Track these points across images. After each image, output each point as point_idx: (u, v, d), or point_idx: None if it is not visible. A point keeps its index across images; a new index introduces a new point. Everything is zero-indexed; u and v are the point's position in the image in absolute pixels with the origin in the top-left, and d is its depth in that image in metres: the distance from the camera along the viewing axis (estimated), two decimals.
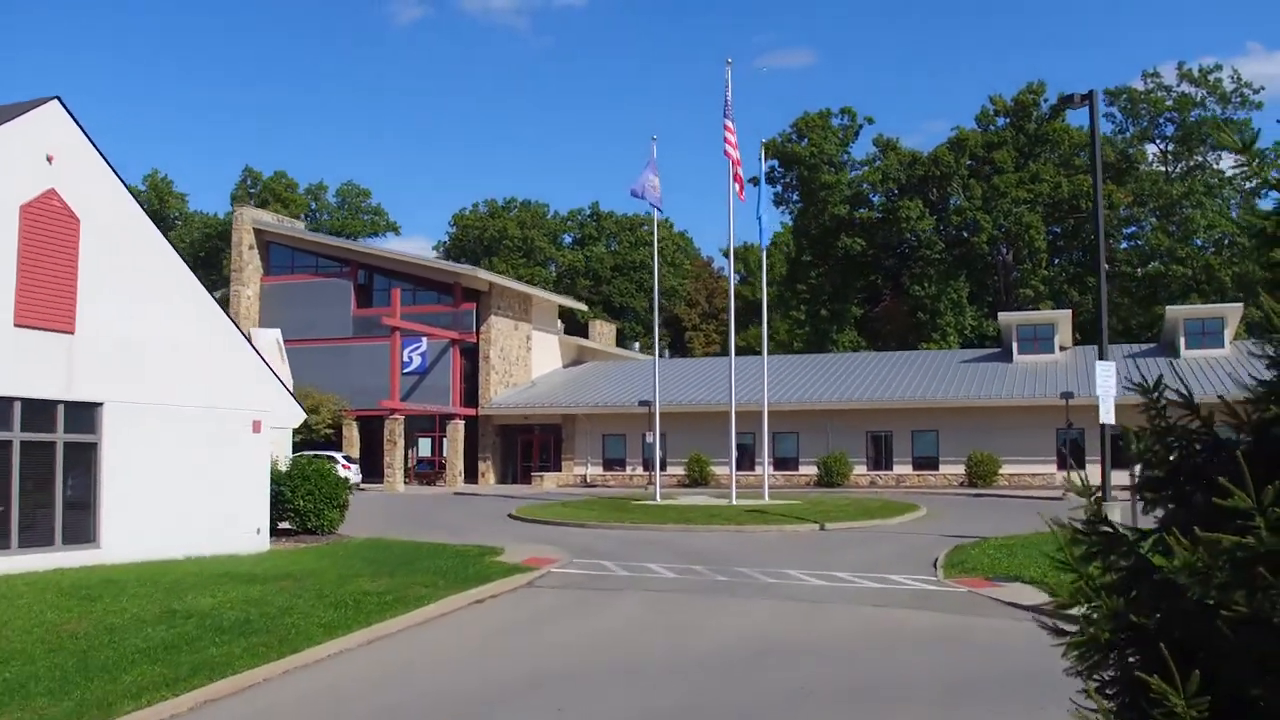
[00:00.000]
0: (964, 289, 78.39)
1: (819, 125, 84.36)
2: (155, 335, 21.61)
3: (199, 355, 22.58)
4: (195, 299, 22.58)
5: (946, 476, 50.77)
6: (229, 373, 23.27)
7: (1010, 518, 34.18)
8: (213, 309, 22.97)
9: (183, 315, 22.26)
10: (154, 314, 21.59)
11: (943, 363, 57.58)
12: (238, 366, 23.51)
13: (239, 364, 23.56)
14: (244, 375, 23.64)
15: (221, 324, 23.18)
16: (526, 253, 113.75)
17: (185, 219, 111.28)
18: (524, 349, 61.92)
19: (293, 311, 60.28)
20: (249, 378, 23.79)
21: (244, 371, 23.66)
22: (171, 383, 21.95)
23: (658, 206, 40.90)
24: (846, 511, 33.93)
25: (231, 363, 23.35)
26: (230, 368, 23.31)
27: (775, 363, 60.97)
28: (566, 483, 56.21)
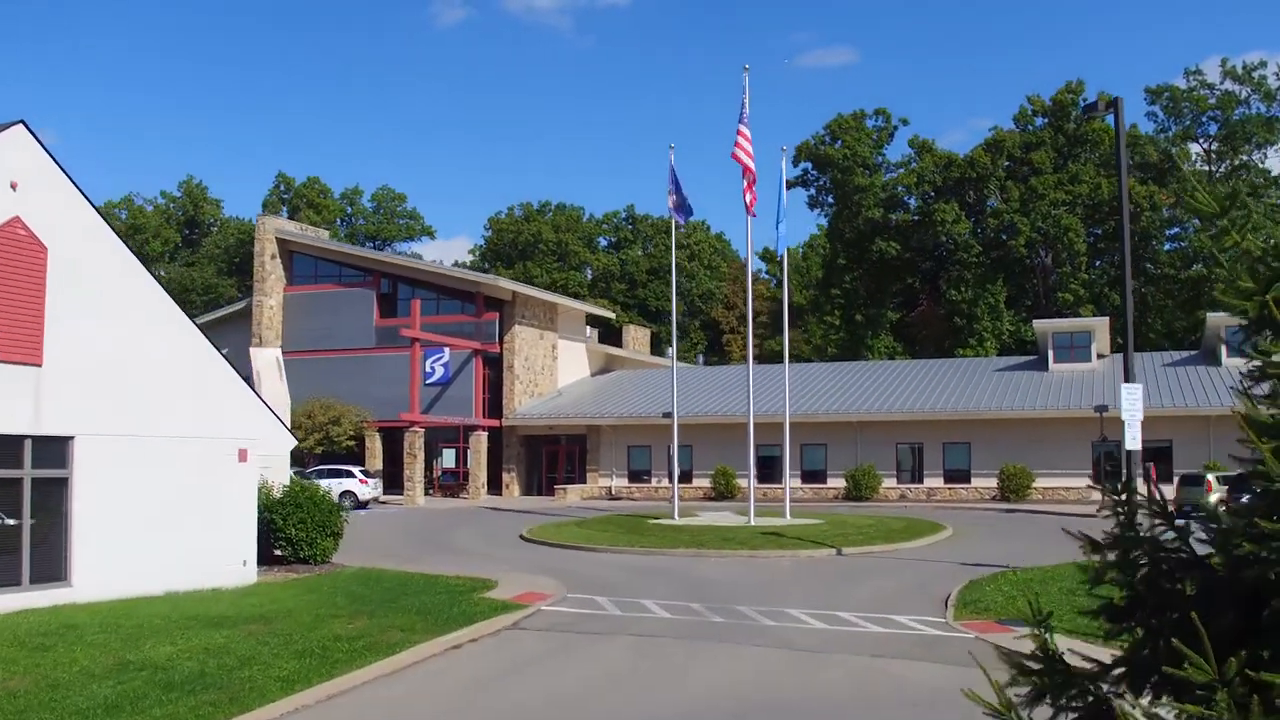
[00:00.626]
0: (1001, 293, 76.84)
1: (852, 127, 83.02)
2: (131, 364, 20.82)
3: (179, 383, 21.78)
4: (175, 326, 21.77)
5: (978, 490, 49.42)
6: (212, 401, 22.45)
7: (1039, 540, 32.91)
8: (194, 335, 22.15)
9: (161, 343, 21.46)
10: (129, 342, 20.80)
11: (976, 371, 56.19)
12: (222, 394, 22.70)
13: (223, 391, 22.74)
14: (228, 403, 22.82)
15: (204, 350, 22.36)
16: (561, 256, 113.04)
17: (220, 225, 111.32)
18: (549, 358, 61.04)
19: (315, 321, 59.76)
20: (234, 405, 22.97)
21: (228, 399, 22.84)
22: (149, 413, 21.15)
23: (678, 221, 39.85)
24: (866, 533, 32.78)
25: (215, 390, 22.54)
26: (213, 395, 22.49)
27: (803, 371, 59.87)
28: (591, 495, 55.28)
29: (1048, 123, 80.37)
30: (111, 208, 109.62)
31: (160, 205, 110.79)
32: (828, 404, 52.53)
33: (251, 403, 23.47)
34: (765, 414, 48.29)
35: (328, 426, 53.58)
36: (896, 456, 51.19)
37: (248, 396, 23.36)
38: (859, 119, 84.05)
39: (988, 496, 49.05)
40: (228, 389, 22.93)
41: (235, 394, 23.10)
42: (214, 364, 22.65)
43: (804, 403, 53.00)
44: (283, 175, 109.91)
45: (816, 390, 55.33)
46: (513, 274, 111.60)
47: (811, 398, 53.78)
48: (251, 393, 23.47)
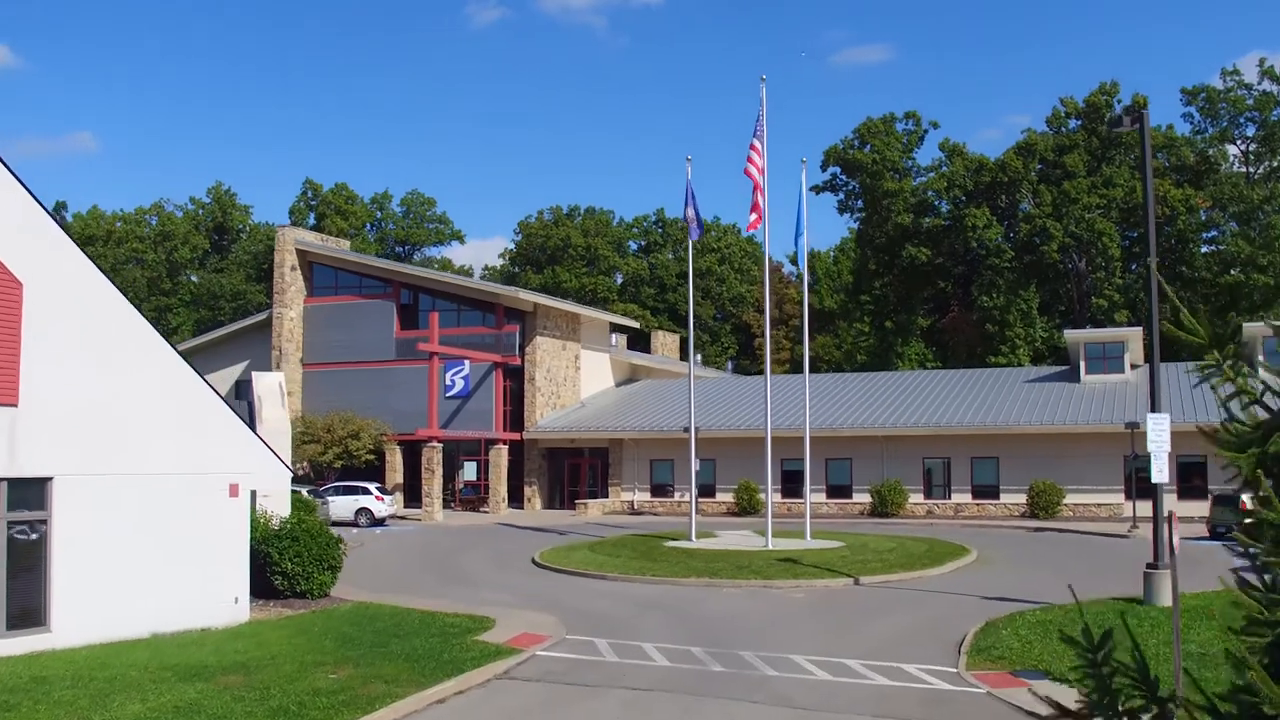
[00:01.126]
0: (1034, 299, 75.51)
1: (882, 131, 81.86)
2: (114, 401, 20.19)
3: (165, 419, 21.12)
4: (160, 360, 21.11)
5: (1007, 506, 48.32)
6: (201, 435, 21.79)
7: (1065, 566, 31.94)
8: (181, 369, 21.49)
9: (146, 378, 20.81)
10: (112, 379, 20.17)
11: (1006, 383, 55.01)
12: (211, 427, 22.03)
13: (213, 425, 22.07)
14: (218, 437, 22.15)
15: (192, 384, 21.70)
16: (590, 261, 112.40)
17: (249, 231, 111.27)
18: (572, 369, 60.29)
19: (335, 333, 59.27)
20: (224, 439, 22.30)
21: (218, 433, 22.17)
22: (133, 450, 20.51)
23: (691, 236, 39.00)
24: (886, 559, 31.83)
25: (204, 424, 21.87)
26: (202, 429, 21.83)
27: (828, 383, 58.88)
28: (613, 510, 54.50)
29: (1081, 125, 78.94)
30: (142, 214, 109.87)
31: (190, 211, 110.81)
32: (853, 418, 51.51)
33: (243, 436, 22.79)
34: (789, 428, 47.45)
35: (347, 440, 53.04)
36: (923, 471, 50.13)
37: (239, 429, 22.68)
38: (888, 122, 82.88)
39: (1016, 513, 47.93)
40: (218, 422, 22.26)
41: (226, 427, 22.42)
42: (203, 397, 21.99)
43: (828, 416, 52.03)
44: (310, 181, 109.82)
45: (842, 403, 54.33)
46: (541, 279, 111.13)
47: (836, 411, 52.79)
48: (244, 425, 22.78)
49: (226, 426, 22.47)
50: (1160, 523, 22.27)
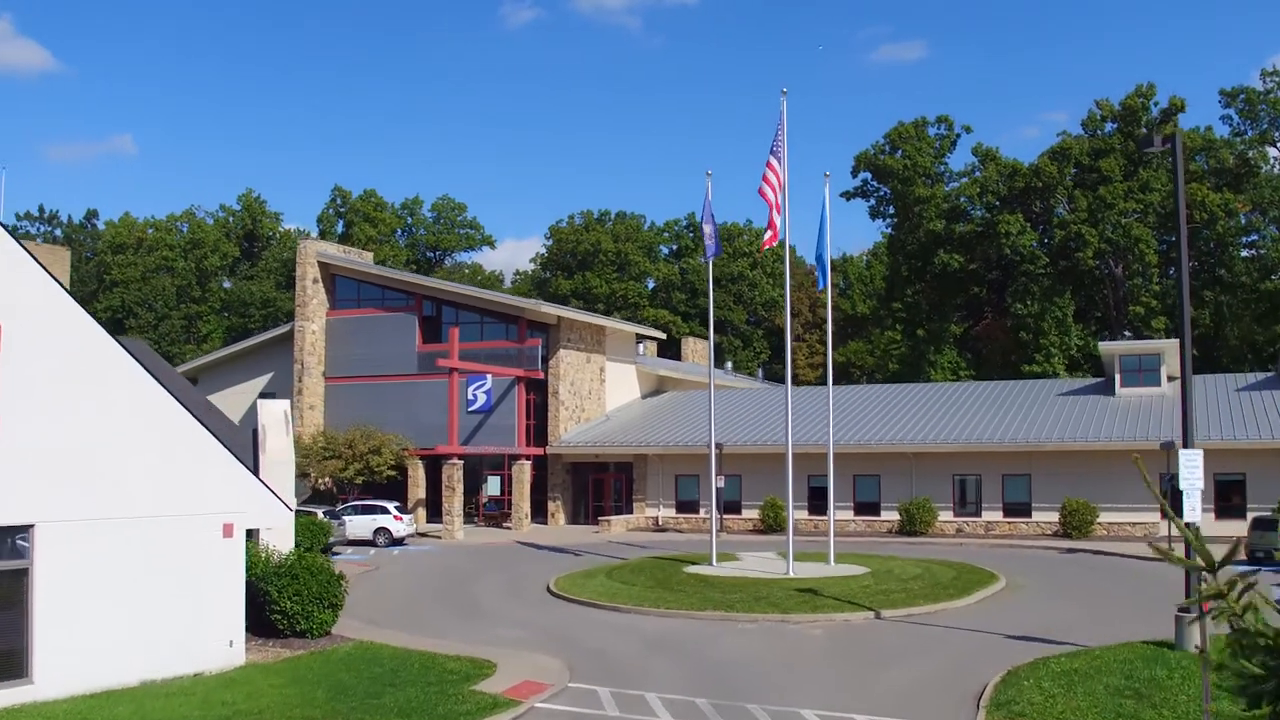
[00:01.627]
0: (1069, 307, 74.11)
1: (913, 135, 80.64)
2: (100, 443, 19.53)
3: (155, 459, 20.45)
4: (149, 398, 20.43)
5: (1039, 525, 47.15)
6: (192, 474, 21.10)
7: (1097, 596, 30.94)
8: (171, 408, 20.80)
9: (134, 418, 20.14)
10: (96, 419, 19.50)
11: (1039, 396, 53.80)
12: (204, 466, 21.34)
13: (206, 463, 21.38)
14: (212, 475, 21.46)
15: (183, 422, 21.01)
16: (620, 267, 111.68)
17: (279, 238, 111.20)
18: (597, 381, 59.50)
19: (358, 347, 58.74)
20: (218, 477, 21.60)
21: (212, 471, 21.47)
22: (120, 493, 19.85)
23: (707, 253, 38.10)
24: (911, 588, 30.83)
25: (196, 463, 21.18)
26: (194, 469, 21.14)
27: (856, 396, 57.86)
28: (637, 526, 53.65)
29: (1117, 128, 77.46)
30: (173, 220, 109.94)
31: (220, 218, 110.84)
32: (880, 433, 50.46)
33: (239, 474, 22.09)
34: (815, 443, 46.59)
35: (368, 456, 52.44)
36: (953, 488, 49.01)
37: (234, 467, 21.98)
38: (920, 127, 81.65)
39: (1049, 531, 46.77)
40: (212, 460, 21.57)
41: (220, 465, 21.72)
42: (196, 435, 21.29)
43: (856, 431, 51.02)
44: (339, 189, 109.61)
45: (869, 417, 53.28)
46: (572, 284, 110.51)
47: (864, 426, 51.75)
48: (239, 464, 22.07)
49: (221, 464, 21.78)
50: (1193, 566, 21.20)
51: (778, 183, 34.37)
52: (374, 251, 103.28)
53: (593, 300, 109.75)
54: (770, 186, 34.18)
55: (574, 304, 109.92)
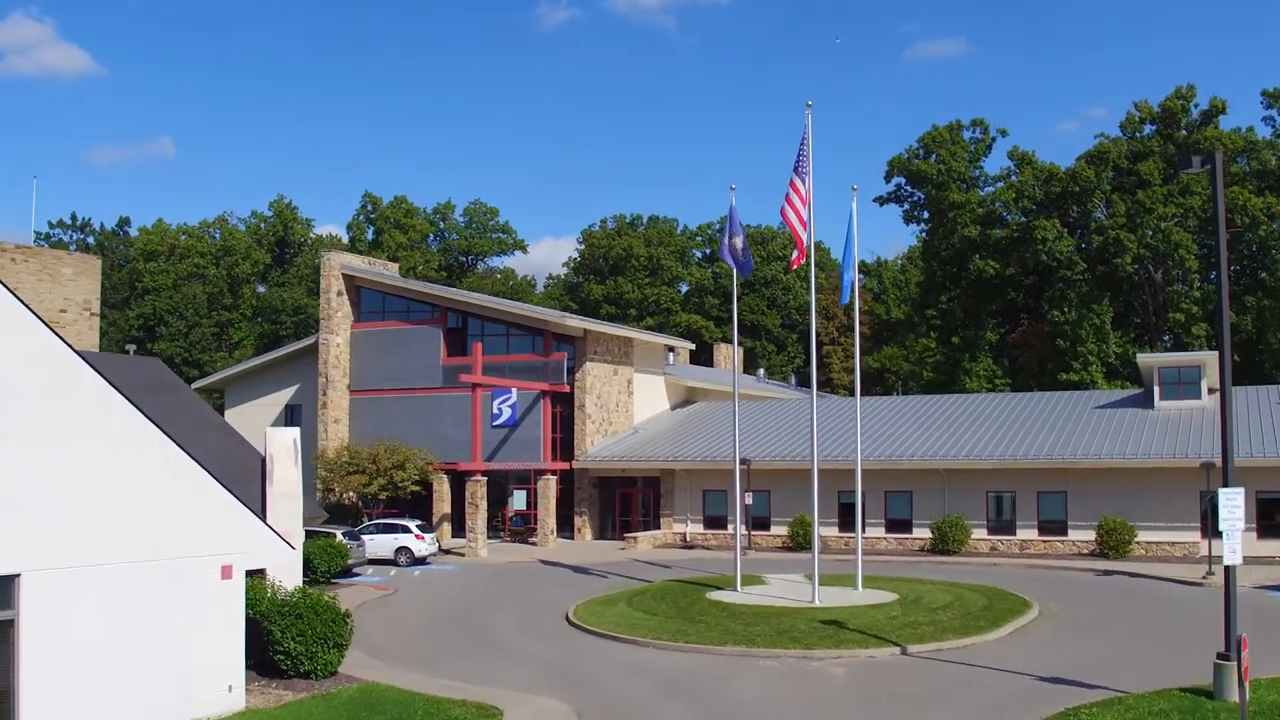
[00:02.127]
0: (1107, 313, 72.66)
1: (947, 140, 79.34)
2: (89, 486, 18.83)
3: (148, 501, 19.75)
4: (138, 437, 19.73)
5: (1075, 544, 45.94)
6: (188, 515, 20.40)
7: (1134, 628, 29.83)
8: (164, 446, 20.10)
9: (124, 459, 19.44)
10: (83, 461, 18.80)
11: (1075, 408, 52.54)
12: (201, 506, 20.63)
13: (202, 503, 20.68)
14: (209, 515, 20.76)
15: (177, 461, 20.32)
16: (652, 271, 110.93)
17: (310, 244, 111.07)
18: (624, 394, 58.66)
19: (382, 359, 58.17)
20: (216, 517, 20.91)
21: (209, 511, 20.77)
22: (110, 538, 19.15)
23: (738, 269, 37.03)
24: (939, 619, 29.82)
25: (191, 504, 20.48)
26: (190, 510, 20.44)
27: (887, 408, 56.83)
28: (665, 542, 52.76)
29: (1156, 130, 76.00)
30: (206, 226, 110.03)
31: (252, 224, 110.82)
32: (912, 449, 49.37)
33: (238, 513, 21.38)
34: (844, 459, 45.65)
35: (392, 471, 51.83)
36: (987, 505, 47.83)
37: (233, 506, 21.27)
38: (955, 130, 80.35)
39: (1085, 551, 45.57)
40: (209, 500, 20.86)
41: (218, 504, 21.02)
42: (192, 475, 20.60)
43: (887, 446, 49.99)
44: (369, 195, 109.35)
45: (901, 431, 52.18)
46: (604, 289, 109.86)
47: (895, 441, 50.68)
48: (238, 502, 21.37)
49: (219, 503, 21.08)
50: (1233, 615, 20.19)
51: (801, 201, 33.36)
52: (404, 258, 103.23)
53: (625, 305, 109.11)
54: (793, 207, 33.17)
55: (605, 309, 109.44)
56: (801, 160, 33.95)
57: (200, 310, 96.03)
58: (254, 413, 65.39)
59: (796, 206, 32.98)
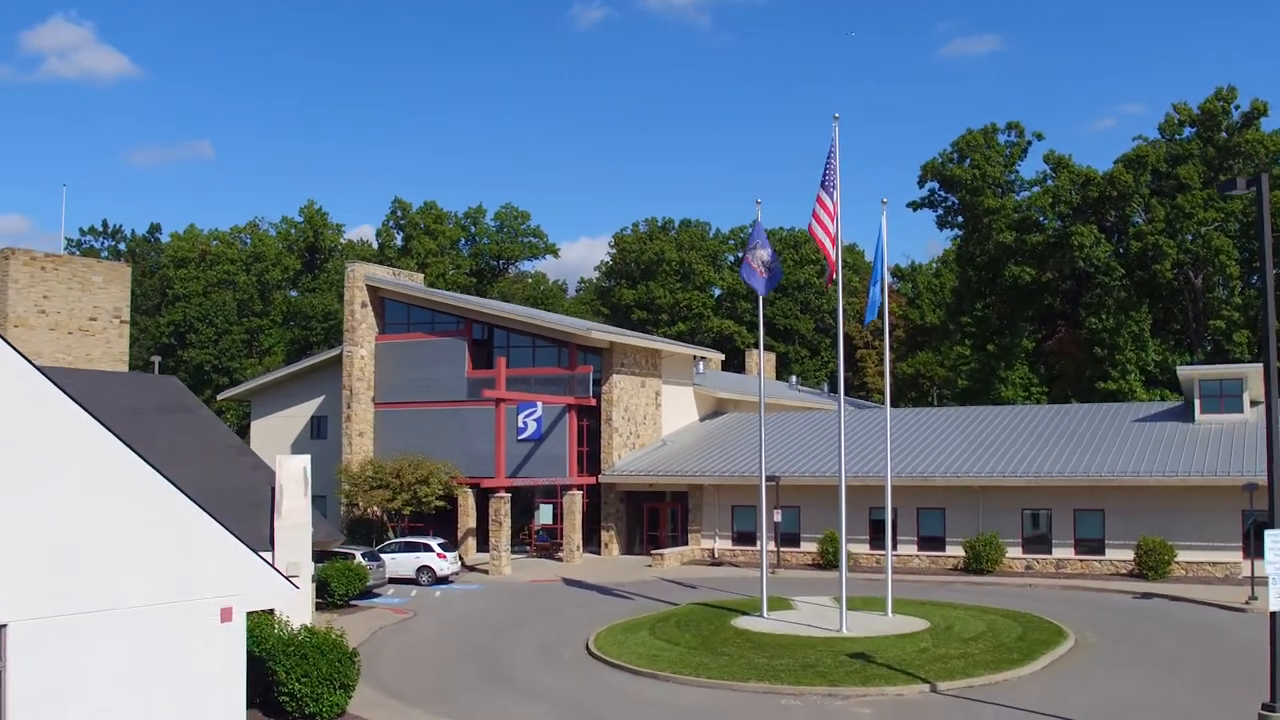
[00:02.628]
0: (1146, 320, 71.18)
1: (982, 144, 78.02)
2: (78, 531, 18.12)
3: (141, 545, 19.04)
4: (134, 480, 19.02)
5: (1113, 564, 44.73)
6: (185, 558, 19.68)
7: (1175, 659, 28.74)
8: (159, 487, 19.38)
9: (116, 502, 18.73)
10: (71, 507, 18.10)
11: (1113, 422, 51.27)
12: (197, 548, 19.91)
13: (199, 545, 19.95)
14: (206, 557, 20.01)
15: (172, 502, 19.59)
16: (684, 276, 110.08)
17: (341, 251, 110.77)
18: (652, 406, 57.77)
19: (407, 372, 57.54)
20: (214, 559, 20.18)
21: (206, 553, 20.03)
22: (104, 584, 18.44)
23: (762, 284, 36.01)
24: (971, 651, 28.77)
25: (188, 546, 19.75)
26: (187, 552, 19.71)
27: (920, 421, 55.77)
28: (693, 559, 51.81)
29: (1196, 133, 74.40)
30: (237, 232, 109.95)
31: (282, 230, 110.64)
32: (945, 465, 48.23)
33: (239, 553, 20.64)
34: (874, 474, 44.65)
35: (416, 486, 51.14)
36: (1022, 523, 46.63)
37: (233, 547, 20.53)
38: (989, 134, 79.01)
39: (1123, 570, 44.35)
40: (207, 541, 20.14)
41: (217, 545, 20.28)
42: (188, 515, 19.86)
43: (919, 461, 48.91)
44: (399, 200, 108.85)
45: (934, 446, 51.07)
46: (635, 294, 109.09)
47: (928, 456, 49.57)
48: (238, 542, 20.63)
49: (219, 544, 20.34)
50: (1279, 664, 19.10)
51: (830, 216, 32.42)
52: (433, 264, 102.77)
53: (656, 310, 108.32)
54: (821, 224, 32.26)
55: (637, 314, 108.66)
56: (829, 174, 32.99)
57: (230, 317, 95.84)
58: (280, 424, 64.98)
59: (825, 223, 32.07)
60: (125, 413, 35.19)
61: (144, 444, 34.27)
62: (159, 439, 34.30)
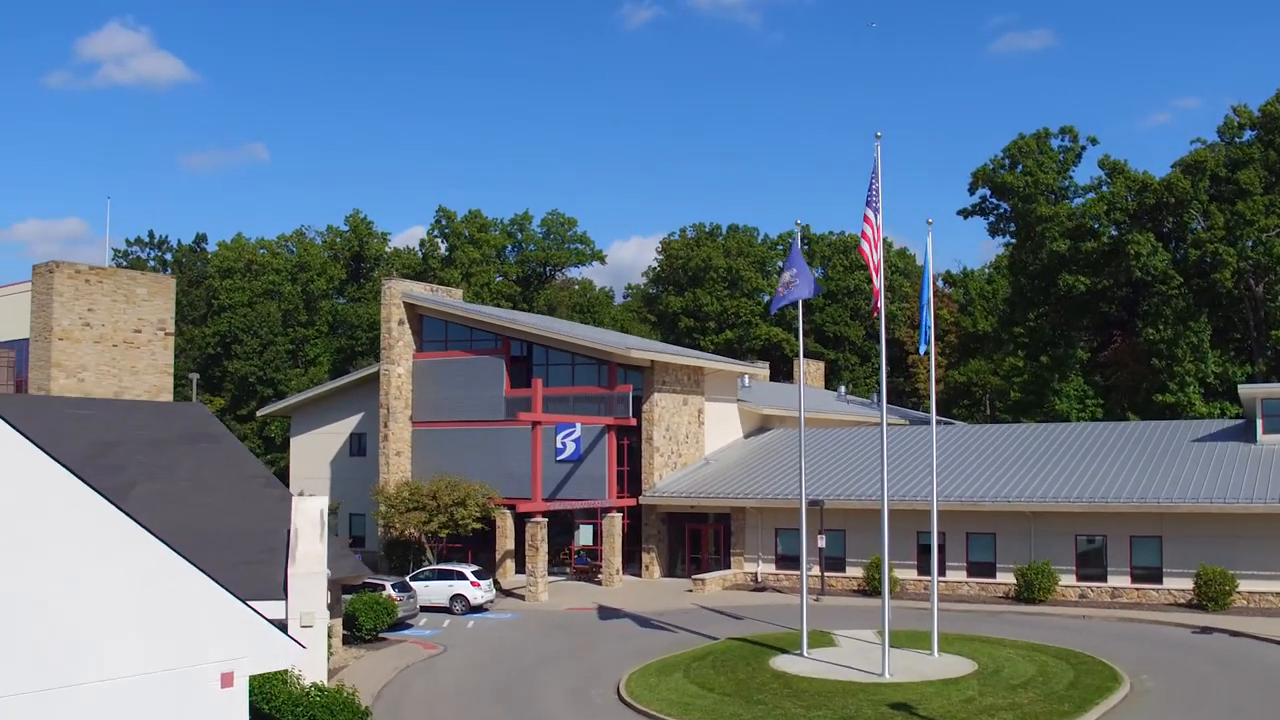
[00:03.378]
0: (1205, 331, 68.96)
1: (1034, 150, 76.07)
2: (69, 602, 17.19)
3: (136, 613, 18.07)
4: (121, 540, 18.06)
5: (1171, 593, 42.94)
6: (181, 623, 18.69)
7: (1244, 703, 27.39)
8: (155, 551, 18.41)
9: (103, 565, 17.79)
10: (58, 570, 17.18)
11: (1171, 441, 49.48)
12: (195, 612, 18.93)
13: (197, 609, 18.97)
14: (204, 621, 19.02)
15: (165, 563, 18.62)
16: (732, 283, 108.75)
17: (386, 259, 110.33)
18: (694, 424, 56.49)
19: (445, 390, 56.65)
20: (213, 622, 19.18)
21: (204, 617, 19.05)
22: (96, 654, 17.50)
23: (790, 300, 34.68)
24: (1020, 702, 27.33)
25: (185, 610, 18.79)
26: (182, 616, 18.74)
27: (968, 439, 54.14)
28: (735, 583, 50.45)
29: (1256, 136, 72.09)
30: (284, 240, 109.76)
31: (328, 239, 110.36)
32: (995, 488, 46.54)
33: (241, 616, 19.63)
34: (921, 499, 43.32)
35: (453, 508, 50.20)
36: (1075, 550, 44.90)
37: (235, 609, 19.55)
38: (1042, 139, 77.01)
39: (1182, 600, 42.54)
40: (207, 604, 19.15)
41: (217, 608, 19.30)
42: (184, 578, 18.89)
43: (968, 484, 47.32)
44: (443, 209, 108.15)
45: (984, 466, 49.46)
46: (683, 301, 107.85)
47: (978, 478, 47.94)
48: (240, 603, 19.64)
49: (218, 608, 19.35)
50: None
51: (872, 244, 31.22)
52: (477, 274, 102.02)
53: (703, 319, 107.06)
54: (869, 241, 31.14)
55: (684, 322, 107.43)
56: (872, 194, 31.75)
57: (275, 328, 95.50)
58: (320, 441, 64.37)
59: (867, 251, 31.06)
60: (146, 443, 34.54)
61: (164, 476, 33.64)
62: (180, 470, 33.56)
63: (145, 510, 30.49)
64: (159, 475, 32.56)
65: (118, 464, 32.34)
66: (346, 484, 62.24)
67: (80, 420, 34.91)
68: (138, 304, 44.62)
